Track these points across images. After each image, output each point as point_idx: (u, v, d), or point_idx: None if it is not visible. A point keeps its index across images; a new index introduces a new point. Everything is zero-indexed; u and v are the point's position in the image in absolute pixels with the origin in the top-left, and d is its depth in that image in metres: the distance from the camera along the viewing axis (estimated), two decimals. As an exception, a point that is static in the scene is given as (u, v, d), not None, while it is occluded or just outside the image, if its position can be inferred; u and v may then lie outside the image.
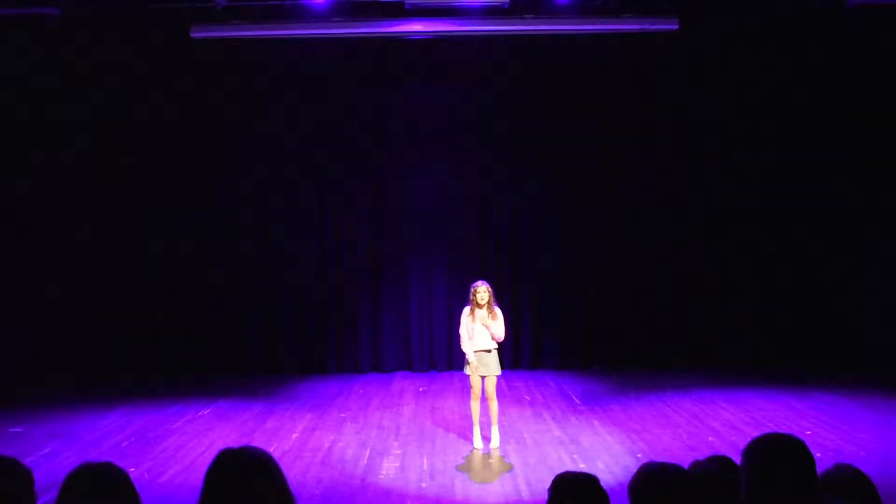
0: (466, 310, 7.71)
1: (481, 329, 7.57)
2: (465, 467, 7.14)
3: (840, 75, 11.06)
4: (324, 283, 11.69)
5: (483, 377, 7.63)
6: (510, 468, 7.06)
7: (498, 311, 7.65)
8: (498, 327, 7.57)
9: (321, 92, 11.44)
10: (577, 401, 9.63)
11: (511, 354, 11.14)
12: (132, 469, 6.77)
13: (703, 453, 3.23)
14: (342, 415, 9.17)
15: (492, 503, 6.24)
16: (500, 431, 7.85)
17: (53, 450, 7.87)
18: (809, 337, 11.46)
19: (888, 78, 10.64)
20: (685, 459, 3.08)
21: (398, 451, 7.64)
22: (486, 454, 7.53)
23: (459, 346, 7.79)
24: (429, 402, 9.79)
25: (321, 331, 11.68)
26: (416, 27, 9.62)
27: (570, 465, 7.02)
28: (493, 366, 7.60)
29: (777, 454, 2.43)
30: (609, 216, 11.68)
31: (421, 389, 10.52)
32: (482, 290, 7.57)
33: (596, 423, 8.52)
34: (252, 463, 2.29)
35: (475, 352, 7.58)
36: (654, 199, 11.61)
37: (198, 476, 2.41)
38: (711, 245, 11.65)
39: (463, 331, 7.69)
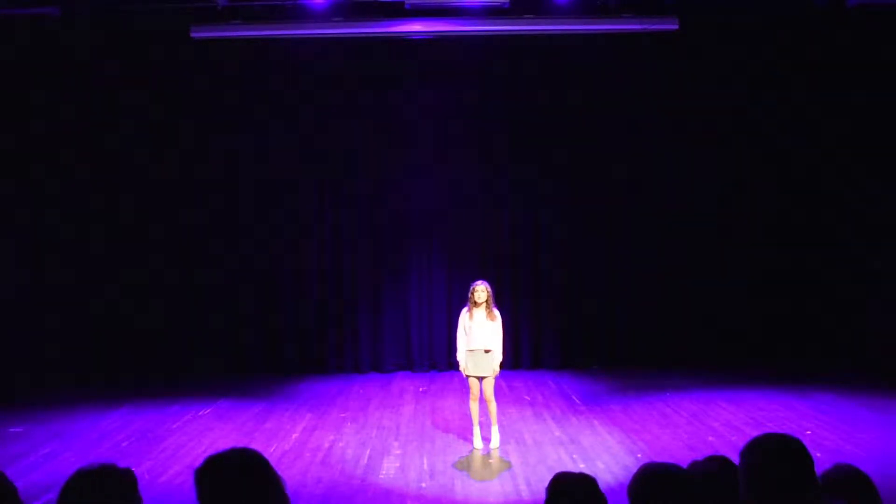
0: (464, 311, 7.72)
1: (479, 328, 7.55)
2: (465, 467, 7.14)
3: (840, 75, 11.06)
4: (324, 283, 11.69)
5: (480, 378, 7.62)
6: (510, 468, 7.06)
7: (496, 311, 7.65)
8: (496, 329, 7.57)
9: (321, 92, 11.44)
10: (577, 401, 9.63)
11: (511, 354, 11.11)
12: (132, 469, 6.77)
13: (703, 453, 3.23)
14: (342, 415, 9.17)
15: (492, 503, 6.25)
16: (500, 431, 7.85)
17: (53, 450, 7.87)
18: (809, 337, 11.47)
19: (889, 78, 10.64)
20: (685, 459, 3.09)
21: (398, 451, 7.65)
22: (486, 454, 7.53)
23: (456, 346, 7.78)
24: (429, 402, 9.79)
25: (321, 331, 11.68)
26: (416, 27, 9.62)
27: (570, 465, 7.02)
28: (487, 367, 7.55)
29: (775, 454, 2.42)
30: (609, 216, 11.68)
31: (421, 389, 10.52)
32: (480, 290, 7.58)
33: (596, 423, 8.52)
34: (243, 465, 2.27)
35: (472, 350, 7.56)
36: (654, 198, 11.61)
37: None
38: (712, 245, 11.65)
39: (460, 332, 7.68)
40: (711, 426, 8.26)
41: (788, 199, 11.63)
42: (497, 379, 7.77)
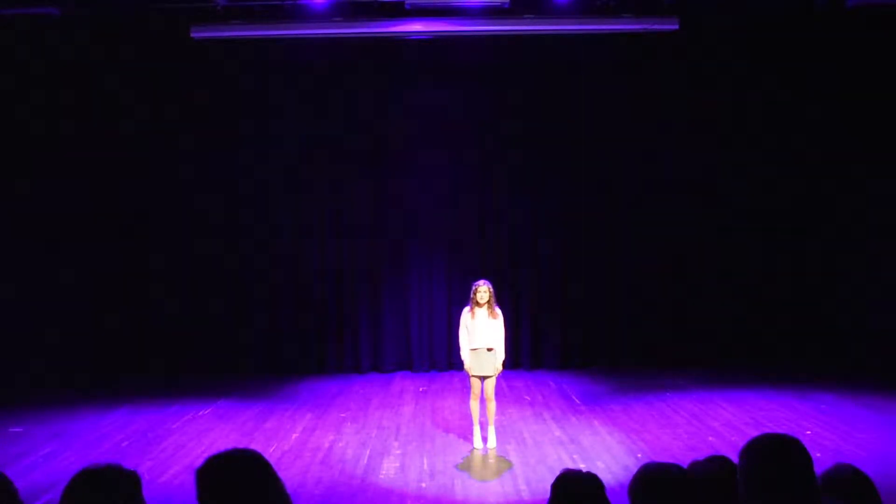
0: (466, 310, 7.72)
1: (482, 326, 7.56)
2: (464, 467, 7.13)
3: (840, 75, 11.06)
4: (324, 282, 11.69)
5: (482, 378, 7.63)
6: (510, 468, 7.06)
7: (498, 311, 7.66)
8: (498, 327, 7.58)
9: (321, 92, 11.44)
10: (577, 401, 9.63)
11: (511, 354, 11.04)
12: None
13: (703, 453, 3.23)
14: (342, 415, 9.17)
15: (492, 503, 6.25)
16: (499, 431, 7.85)
17: (53, 450, 7.87)
18: (809, 337, 11.46)
19: (888, 78, 10.64)
20: (685, 459, 3.08)
21: (398, 451, 7.64)
22: (486, 454, 7.53)
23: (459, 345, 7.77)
24: (429, 402, 9.78)
25: (321, 331, 11.67)
26: (416, 27, 9.63)
27: (570, 465, 7.00)
28: (490, 365, 7.57)
29: (774, 454, 2.42)
30: (609, 216, 11.68)
31: (421, 389, 10.52)
32: (483, 290, 7.58)
33: (596, 423, 8.52)
34: (244, 465, 2.27)
35: (475, 349, 7.57)
36: (654, 198, 11.62)
37: (197, 476, 2.39)
38: (712, 245, 11.65)
39: (462, 332, 7.68)
40: (711, 426, 8.26)
41: (788, 198, 11.63)
42: (497, 379, 7.77)
